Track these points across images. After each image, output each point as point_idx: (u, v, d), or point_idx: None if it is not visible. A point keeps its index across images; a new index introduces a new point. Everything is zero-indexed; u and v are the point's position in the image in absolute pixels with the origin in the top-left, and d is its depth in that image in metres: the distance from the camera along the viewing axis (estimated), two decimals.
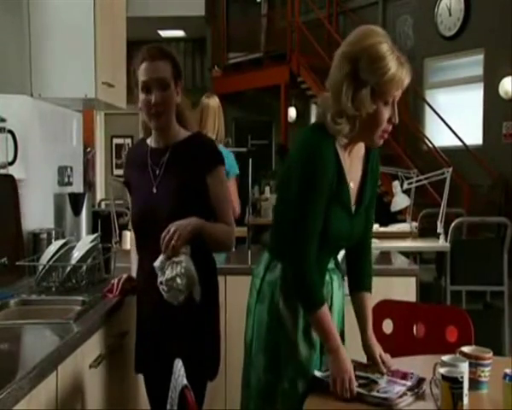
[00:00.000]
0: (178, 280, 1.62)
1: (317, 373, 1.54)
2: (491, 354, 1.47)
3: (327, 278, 1.62)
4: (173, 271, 1.63)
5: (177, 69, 1.84)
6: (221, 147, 3.01)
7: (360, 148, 1.61)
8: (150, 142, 1.88)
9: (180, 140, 1.84)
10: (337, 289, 1.65)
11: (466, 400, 1.33)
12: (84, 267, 2.05)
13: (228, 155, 3.02)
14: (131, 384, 2.14)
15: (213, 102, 3.16)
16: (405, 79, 1.47)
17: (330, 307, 1.61)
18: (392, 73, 1.44)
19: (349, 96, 1.46)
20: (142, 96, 1.79)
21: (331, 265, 1.65)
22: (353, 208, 1.59)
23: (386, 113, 1.48)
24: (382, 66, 1.44)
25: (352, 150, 1.57)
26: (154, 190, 1.79)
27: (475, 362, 1.46)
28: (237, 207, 3.03)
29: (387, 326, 1.93)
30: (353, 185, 1.58)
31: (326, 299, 1.58)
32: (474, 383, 1.45)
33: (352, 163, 1.58)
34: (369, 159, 1.63)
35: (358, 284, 1.68)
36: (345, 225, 1.57)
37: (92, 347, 1.67)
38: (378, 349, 1.61)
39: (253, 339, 1.62)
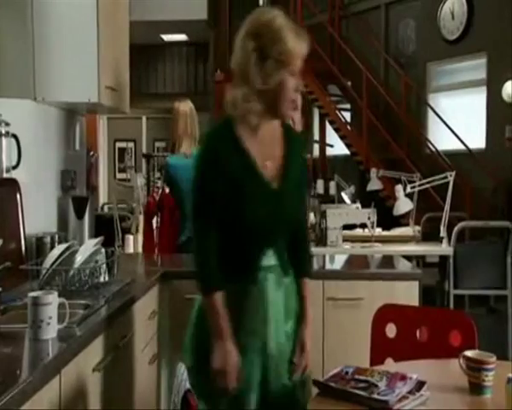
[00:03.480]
0: None
1: (320, 379, 1.53)
2: (494, 359, 1.47)
3: (258, 276, 1.59)
4: None
5: None
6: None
7: (273, 128, 1.65)
8: None
9: None
10: (273, 288, 1.61)
11: None
12: (88, 271, 2.05)
13: None
14: (134, 387, 2.14)
15: (184, 106, 3.17)
16: (304, 47, 1.59)
17: (267, 307, 1.59)
18: (293, 43, 1.56)
19: (257, 70, 1.56)
20: None
21: (268, 261, 1.61)
22: (275, 185, 1.61)
23: (291, 82, 1.57)
24: (283, 36, 1.55)
25: (263, 131, 1.62)
26: None
27: (479, 367, 1.45)
28: None
29: (391, 330, 1.92)
30: (270, 164, 1.61)
31: (257, 298, 1.58)
32: (478, 388, 1.45)
33: (267, 143, 1.62)
34: (289, 139, 1.67)
35: (296, 270, 1.69)
36: (264, 204, 1.58)
37: (95, 350, 1.67)
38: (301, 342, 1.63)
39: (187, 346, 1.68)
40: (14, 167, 2.32)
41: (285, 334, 1.63)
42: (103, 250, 2.18)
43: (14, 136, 2.31)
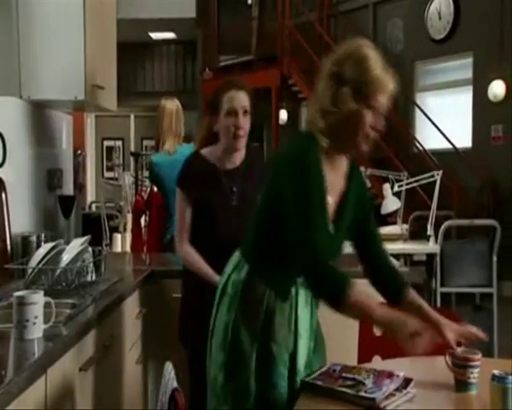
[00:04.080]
0: None
1: (306, 378, 1.54)
2: (479, 356, 1.48)
3: (292, 290, 1.60)
4: None
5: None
6: (181, 148, 3.02)
7: (342, 162, 1.60)
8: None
9: None
10: (303, 304, 1.62)
11: None
12: (74, 270, 2.04)
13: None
14: (122, 387, 2.14)
15: (170, 104, 3.16)
16: (389, 84, 1.49)
17: (295, 322, 1.60)
18: (376, 75, 1.47)
19: (328, 93, 1.50)
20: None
21: (301, 278, 1.60)
22: (331, 227, 1.55)
23: (368, 116, 1.48)
24: (366, 66, 1.47)
25: (334, 163, 1.56)
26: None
27: (464, 364, 1.46)
28: None
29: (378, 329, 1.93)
30: (331, 200, 1.55)
31: (288, 313, 1.58)
32: (463, 385, 1.46)
33: (334, 177, 1.56)
34: (352, 176, 1.62)
35: (394, 291, 1.64)
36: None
37: (82, 350, 1.66)
38: (449, 333, 1.54)
39: (214, 333, 1.64)
40: (0, 166, 2.29)
41: (311, 351, 1.64)
42: (90, 249, 2.17)
43: (0, 134, 2.29)
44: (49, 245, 2.09)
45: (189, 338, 2.11)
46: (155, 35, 10.01)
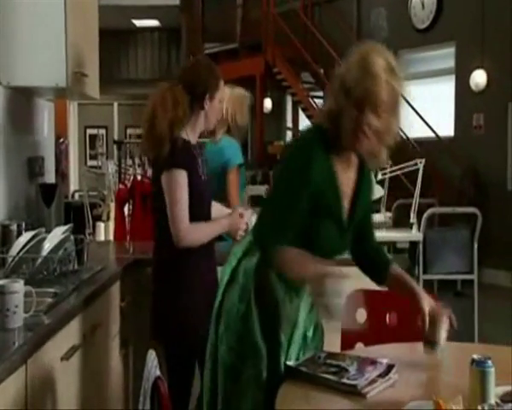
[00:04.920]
0: None
1: (290, 363, 1.55)
2: (447, 315, 1.58)
3: (303, 288, 1.61)
4: None
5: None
6: (225, 137, 2.98)
7: (351, 161, 1.61)
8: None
9: None
10: (305, 309, 1.64)
11: None
12: (56, 259, 2.02)
13: (229, 144, 2.96)
14: (104, 376, 2.13)
15: (233, 93, 3.01)
16: (383, 96, 1.48)
17: (294, 326, 1.61)
18: (369, 87, 1.47)
19: (333, 92, 1.54)
20: None
21: None
22: (345, 223, 1.59)
23: (360, 117, 1.48)
24: (364, 75, 1.48)
25: (344, 162, 1.58)
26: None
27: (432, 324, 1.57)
28: (236, 200, 2.86)
29: (361, 315, 1.95)
30: (346, 199, 1.58)
31: (295, 303, 1.60)
32: (433, 344, 1.57)
33: (345, 176, 1.59)
34: (364, 173, 1.64)
35: (378, 270, 1.71)
36: (335, 239, 1.58)
37: (64, 339, 1.65)
38: (426, 304, 1.60)
39: (222, 315, 1.62)
40: None
41: (303, 340, 1.66)
42: (72, 238, 2.14)
43: None
44: (30, 234, 2.07)
45: (166, 332, 2.06)
46: (139, 22, 9.89)
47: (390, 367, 1.49)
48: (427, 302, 1.61)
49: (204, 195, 2.09)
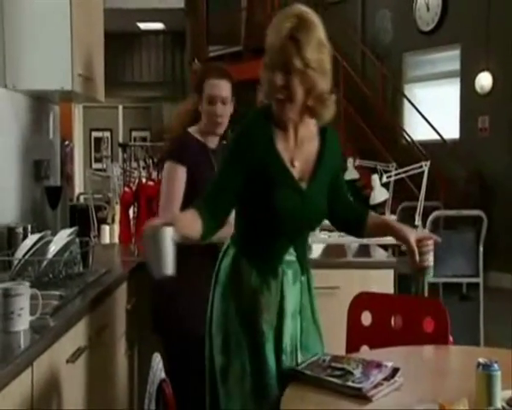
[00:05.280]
0: None
1: (296, 367, 1.55)
2: (432, 240, 1.66)
3: (279, 269, 1.62)
4: None
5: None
6: None
7: (307, 127, 1.66)
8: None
9: None
10: (290, 283, 1.64)
11: None
12: (62, 262, 2.02)
13: None
14: (109, 378, 2.13)
15: None
16: (276, 42, 1.63)
17: (281, 302, 1.61)
18: (270, 40, 1.63)
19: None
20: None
21: (289, 257, 1.64)
22: (304, 184, 1.63)
23: (271, 78, 1.60)
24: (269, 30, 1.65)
25: (297, 130, 1.63)
26: None
27: (421, 250, 1.63)
28: None
29: (366, 318, 1.94)
30: (298, 164, 1.62)
31: (276, 292, 1.60)
32: (422, 271, 1.65)
33: (300, 142, 1.64)
34: (326, 138, 1.69)
35: (359, 222, 1.77)
36: (292, 202, 1.60)
37: (69, 342, 1.65)
38: (412, 235, 1.67)
39: (212, 319, 1.65)
40: None
41: (299, 328, 1.66)
42: (78, 240, 2.15)
43: None
44: (36, 236, 2.07)
45: (164, 325, 2.12)
46: (144, 25, 9.92)
47: (395, 370, 1.49)
48: (411, 233, 1.68)
49: None
